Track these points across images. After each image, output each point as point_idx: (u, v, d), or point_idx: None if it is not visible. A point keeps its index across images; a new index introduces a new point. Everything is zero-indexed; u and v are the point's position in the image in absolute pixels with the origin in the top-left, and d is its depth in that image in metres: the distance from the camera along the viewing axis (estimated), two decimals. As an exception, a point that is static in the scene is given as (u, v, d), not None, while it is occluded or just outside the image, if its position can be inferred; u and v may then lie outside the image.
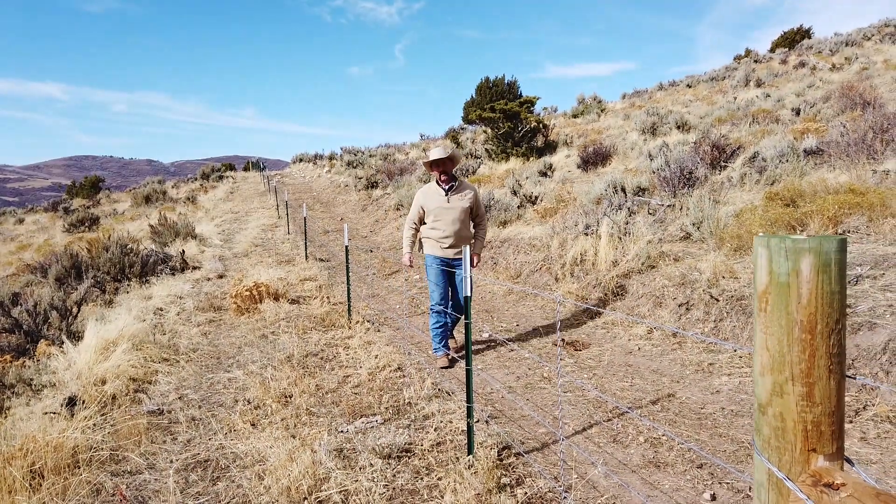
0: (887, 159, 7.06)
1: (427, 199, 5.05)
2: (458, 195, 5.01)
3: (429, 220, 5.05)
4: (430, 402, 4.06)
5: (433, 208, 4.99)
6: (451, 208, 4.95)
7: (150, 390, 4.98)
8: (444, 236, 4.99)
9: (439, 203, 4.98)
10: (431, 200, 5.02)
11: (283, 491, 3.07)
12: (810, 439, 1.11)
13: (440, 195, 5.00)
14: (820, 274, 1.07)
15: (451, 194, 4.99)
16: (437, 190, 5.03)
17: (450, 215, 4.95)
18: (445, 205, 4.96)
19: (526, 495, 2.82)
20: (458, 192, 5.01)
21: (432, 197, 5.03)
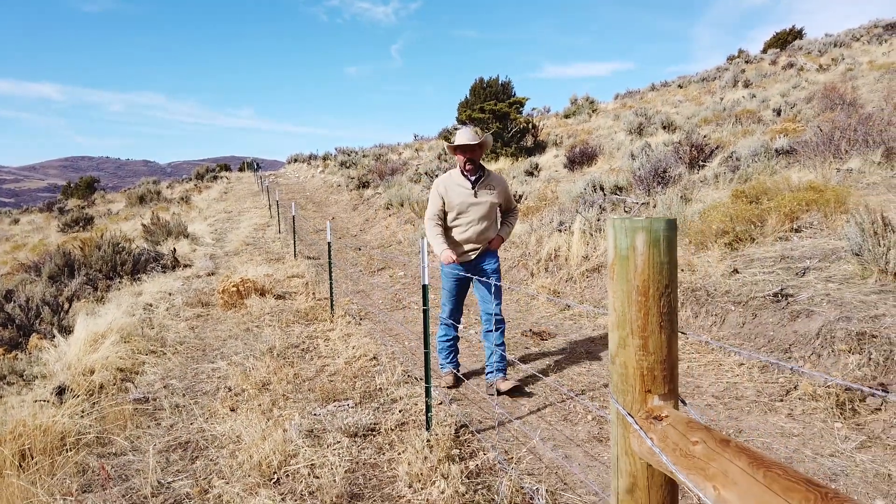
0: (852, 158, 7.33)
1: (449, 192, 4.13)
2: (487, 188, 4.15)
3: (448, 216, 4.19)
4: (399, 388, 4.31)
5: (457, 203, 4.10)
6: (478, 204, 4.10)
7: (136, 380, 5.21)
8: (466, 238, 4.16)
9: (464, 197, 4.10)
10: (455, 193, 4.12)
11: (254, 466, 3.31)
12: (646, 382, 1.35)
13: (465, 188, 4.11)
14: (651, 248, 1.31)
15: (478, 187, 4.12)
16: (462, 181, 4.13)
17: (476, 212, 4.11)
18: (472, 199, 4.10)
19: (476, 465, 3.07)
20: (485, 185, 4.15)
21: (455, 189, 4.12)
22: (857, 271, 4.27)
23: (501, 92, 21.50)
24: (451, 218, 4.20)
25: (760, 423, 3.30)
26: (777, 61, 31.30)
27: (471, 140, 4.04)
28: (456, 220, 4.18)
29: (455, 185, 4.16)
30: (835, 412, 3.21)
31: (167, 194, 27.60)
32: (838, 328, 3.58)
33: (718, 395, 3.71)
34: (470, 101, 22.01)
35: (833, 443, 3.00)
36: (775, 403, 3.45)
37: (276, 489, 3.07)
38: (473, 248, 4.21)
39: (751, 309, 4.33)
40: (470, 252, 4.23)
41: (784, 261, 4.86)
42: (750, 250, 5.29)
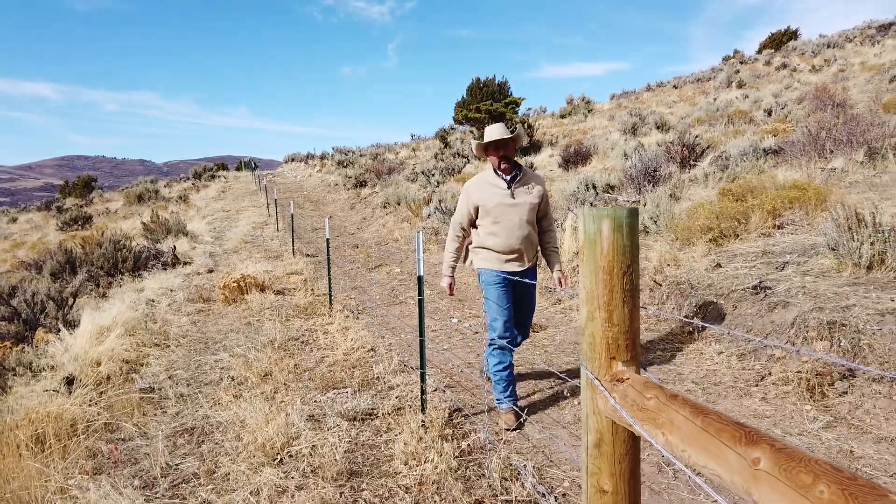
0: (836, 158, 7.54)
1: (483, 195, 3.67)
2: (525, 188, 3.68)
3: (484, 223, 3.70)
4: (396, 376, 4.51)
5: (492, 206, 3.63)
6: (516, 206, 3.62)
7: (142, 371, 5.39)
8: (507, 246, 3.64)
9: (500, 199, 3.62)
10: (489, 196, 3.65)
11: (259, 447, 3.50)
12: (611, 350, 1.54)
13: (500, 189, 3.64)
14: (615, 232, 1.51)
15: (515, 187, 3.65)
16: (496, 181, 3.66)
17: (515, 215, 3.62)
18: (509, 201, 3.61)
19: (468, 445, 3.27)
20: (523, 185, 3.68)
21: (490, 191, 3.66)
22: (833, 265, 4.48)
23: (498, 92, 21.78)
24: (488, 224, 3.67)
25: (736, 406, 3.51)
26: (771, 62, 31.58)
27: (503, 134, 3.61)
28: (493, 225, 3.65)
29: (490, 186, 3.67)
30: (805, 395, 3.41)
31: (165, 193, 27.75)
32: (811, 318, 3.79)
33: (698, 381, 3.92)
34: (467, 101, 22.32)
35: (802, 423, 3.21)
36: (750, 388, 3.66)
37: (280, 468, 3.26)
38: (517, 256, 3.66)
39: (731, 301, 4.54)
40: (513, 262, 3.67)
41: (765, 256, 5.07)
42: (734, 246, 5.50)
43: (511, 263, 3.69)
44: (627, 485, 1.57)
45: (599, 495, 1.58)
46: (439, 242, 10.41)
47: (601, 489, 1.58)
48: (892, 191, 6.11)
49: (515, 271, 3.69)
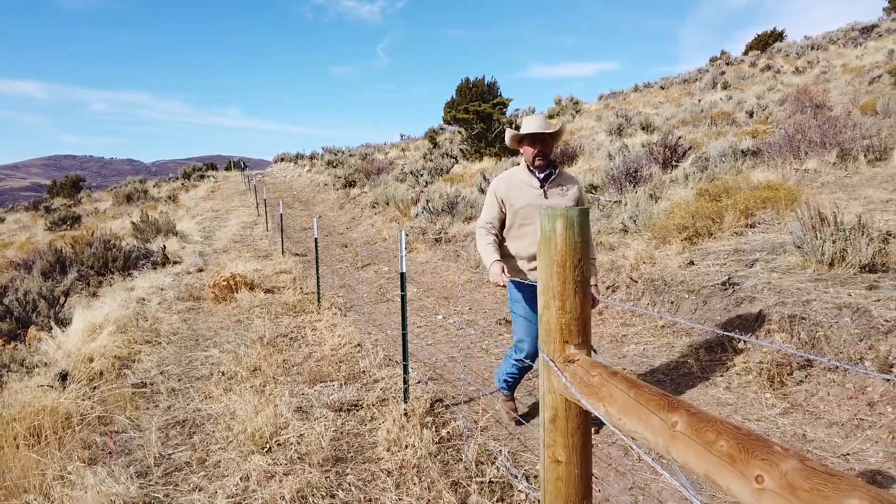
0: (810, 159, 7.79)
1: (512, 193, 3.30)
2: (559, 188, 3.30)
3: (510, 224, 3.33)
4: (381, 370, 4.68)
5: (521, 206, 3.26)
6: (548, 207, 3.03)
7: (134, 367, 5.53)
8: (533, 251, 3.25)
9: (531, 199, 3.25)
10: (519, 194, 3.28)
11: (248, 437, 3.66)
12: (564, 335, 1.73)
13: (532, 187, 3.27)
14: (568, 230, 1.69)
15: (548, 186, 3.28)
16: (528, 179, 3.30)
17: None
18: (540, 201, 3.25)
19: (447, 432, 3.46)
20: (558, 185, 3.31)
21: (520, 189, 3.29)
22: (799, 262, 4.70)
23: (487, 92, 21.94)
24: (513, 227, 3.31)
25: (700, 395, 3.71)
26: (756, 63, 31.97)
27: (543, 128, 3.20)
28: (522, 227, 3.29)
29: (519, 183, 3.29)
30: (765, 385, 3.62)
31: (154, 193, 27.74)
32: (774, 312, 4.00)
33: (668, 371, 4.13)
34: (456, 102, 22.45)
35: (761, 410, 3.42)
36: (716, 378, 3.86)
37: (269, 456, 3.42)
38: None
39: (702, 297, 4.75)
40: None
41: (737, 253, 5.29)
42: (707, 244, 5.71)
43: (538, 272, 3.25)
44: (580, 455, 1.76)
45: (555, 465, 1.76)
46: (426, 242, 10.59)
47: (556, 459, 1.76)
48: (860, 191, 6.35)
49: None
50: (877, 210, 5.55)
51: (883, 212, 5.44)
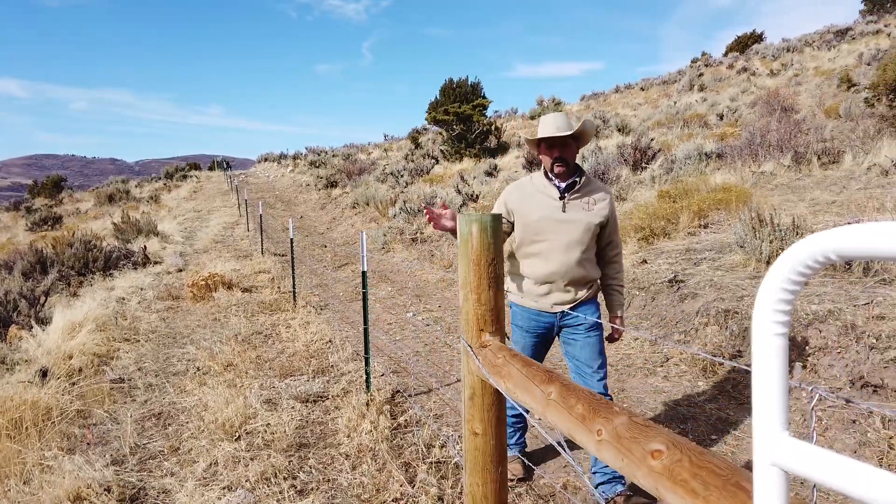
0: (767, 162, 8.14)
1: (523, 202, 2.79)
2: (584, 201, 2.74)
3: (521, 240, 2.81)
4: (348, 364, 4.93)
5: (534, 220, 2.73)
6: (566, 223, 2.70)
7: (112, 363, 5.73)
8: (545, 272, 2.73)
9: (546, 211, 2.72)
10: (532, 205, 2.76)
11: (219, 426, 3.90)
12: (480, 324, 1.99)
13: (550, 198, 2.74)
14: (482, 233, 1.95)
15: (569, 198, 2.72)
16: (546, 188, 2.76)
17: (563, 235, 2.69)
18: (558, 215, 2.71)
19: (404, 420, 3.72)
20: (582, 196, 2.74)
21: (535, 199, 2.77)
22: (742, 261, 5.01)
23: (471, 93, 22.24)
24: (524, 243, 2.79)
25: (641, 384, 4.01)
26: (734, 65, 32.53)
27: (561, 129, 2.67)
28: (531, 245, 2.75)
29: (534, 191, 2.78)
30: (699, 374, 3.92)
31: (136, 193, 27.72)
32: (712, 307, 4.31)
33: (614, 363, 4.42)
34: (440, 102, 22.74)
35: (692, 397, 3.72)
36: (656, 369, 4.16)
37: (237, 443, 3.67)
38: (559, 293, 2.74)
39: (651, 293, 5.05)
40: (551, 296, 2.75)
41: (688, 253, 5.60)
42: (662, 244, 6.02)
43: (550, 296, 2.74)
44: (495, 428, 2.03)
45: (473, 437, 2.03)
46: (403, 242, 10.83)
47: (474, 432, 2.03)
48: (809, 193, 6.70)
49: (548, 309, 2.76)
50: (820, 211, 5.89)
51: (825, 213, 5.78)
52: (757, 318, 0.64)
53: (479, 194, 12.10)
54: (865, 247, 0.51)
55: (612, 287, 2.92)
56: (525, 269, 2.83)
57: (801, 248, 0.58)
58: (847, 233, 0.53)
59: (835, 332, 3.49)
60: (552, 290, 2.76)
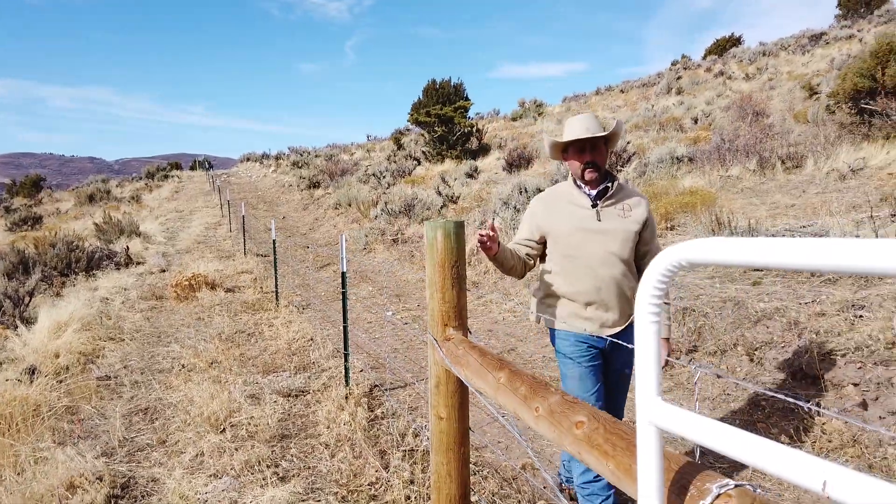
0: (734, 166, 8.48)
1: (554, 216, 2.54)
2: (617, 208, 2.49)
3: (554, 256, 2.57)
4: (329, 360, 5.15)
5: (566, 233, 2.49)
6: (602, 233, 2.45)
7: (98, 362, 5.88)
8: (588, 291, 2.46)
9: (579, 222, 2.47)
10: (563, 217, 2.51)
11: (205, 420, 4.09)
12: (444, 319, 2.23)
13: (581, 207, 2.49)
14: (446, 238, 2.19)
15: (603, 205, 2.48)
16: (575, 197, 2.53)
17: (598, 246, 2.45)
18: (592, 225, 2.46)
19: (381, 412, 3.95)
20: (616, 203, 2.50)
21: (565, 211, 2.52)
22: (703, 261, 5.30)
23: (454, 94, 22.48)
24: (557, 259, 2.53)
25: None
26: (711, 68, 33.10)
27: (591, 130, 2.42)
28: (564, 260, 2.50)
29: (563, 202, 2.54)
30: (658, 367, 4.19)
31: (117, 193, 27.60)
32: (671, 305, 4.58)
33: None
34: (423, 103, 22.95)
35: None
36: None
37: (222, 435, 3.87)
38: (606, 313, 2.46)
39: (617, 292, 5.33)
40: (598, 318, 2.47)
41: (654, 254, 5.88)
42: (631, 245, 6.31)
43: (596, 318, 2.47)
44: (458, 413, 2.26)
45: (438, 421, 2.26)
46: (385, 243, 11.03)
47: (439, 416, 2.26)
48: (771, 196, 7.03)
49: (604, 332, 2.47)
50: (779, 214, 6.21)
51: (783, 216, 6.09)
52: (638, 310, 0.88)
53: (460, 196, 12.34)
54: (705, 256, 0.75)
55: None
56: (563, 289, 2.51)
57: (665, 256, 0.82)
58: (693, 246, 0.77)
59: (780, 328, 3.77)
60: (598, 310, 2.46)
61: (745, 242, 0.71)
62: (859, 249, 0.57)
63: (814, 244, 0.61)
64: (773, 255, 0.66)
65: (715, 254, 0.75)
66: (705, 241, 0.78)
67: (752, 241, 0.70)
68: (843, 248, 0.58)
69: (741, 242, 0.71)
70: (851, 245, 0.57)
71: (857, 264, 0.57)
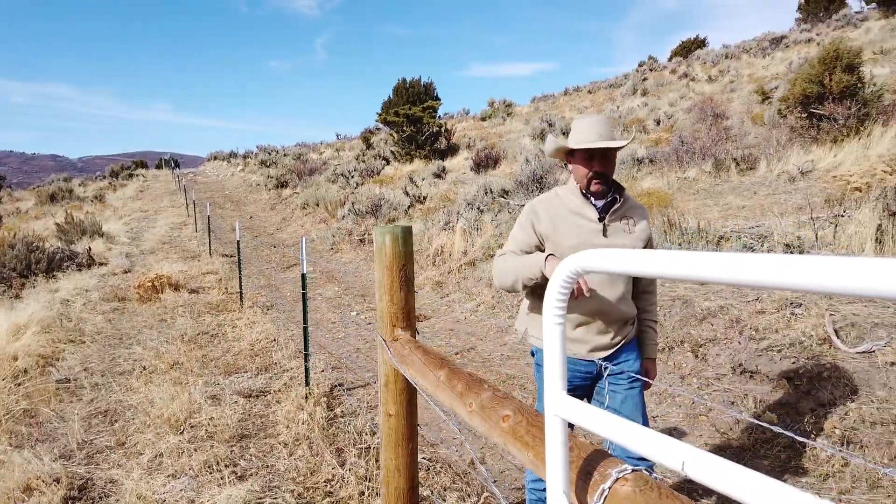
0: (691, 168, 8.73)
1: (558, 226, 2.32)
2: (623, 223, 2.33)
3: None
4: (291, 361, 5.20)
5: (569, 246, 2.27)
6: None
7: (57, 364, 5.84)
8: (585, 313, 2.28)
9: (585, 236, 2.28)
10: (567, 229, 2.31)
11: (164, 421, 4.12)
12: (393, 320, 2.32)
13: (587, 220, 2.30)
14: (394, 242, 2.28)
15: (610, 219, 2.29)
16: (581, 208, 2.31)
17: None
18: (598, 240, 2.28)
19: (341, 411, 4.03)
20: (622, 218, 2.33)
21: (569, 222, 2.31)
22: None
23: (424, 93, 22.54)
24: None
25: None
26: (676, 70, 33.73)
27: (604, 138, 2.24)
28: None
29: (567, 212, 2.32)
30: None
31: (80, 192, 27.03)
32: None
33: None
34: (393, 102, 22.97)
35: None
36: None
37: (182, 436, 3.90)
38: (598, 336, 2.30)
39: (574, 292, 5.48)
40: (589, 340, 2.30)
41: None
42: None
43: (588, 341, 2.30)
44: (406, 410, 2.36)
45: (387, 418, 2.36)
46: (352, 243, 11.07)
47: (388, 414, 2.35)
48: (724, 198, 7.28)
49: (593, 356, 2.31)
50: (731, 215, 6.44)
51: (734, 217, 6.33)
52: (545, 313, 0.98)
53: (427, 196, 12.43)
54: (597, 265, 0.86)
55: (646, 322, 2.45)
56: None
57: (567, 264, 0.93)
58: (588, 255, 0.88)
59: (723, 325, 3.95)
60: (589, 332, 2.28)
61: (629, 254, 0.81)
62: (713, 262, 0.67)
63: (682, 257, 0.72)
64: (650, 266, 0.76)
65: (606, 263, 0.86)
66: (599, 251, 0.90)
67: (636, 253, 0.80)
68: (702, 261, 0.68)
69: (627, 254, 0.82)
70: (710, 258, 0.67)
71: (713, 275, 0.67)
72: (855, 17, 30.75)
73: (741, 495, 0.67)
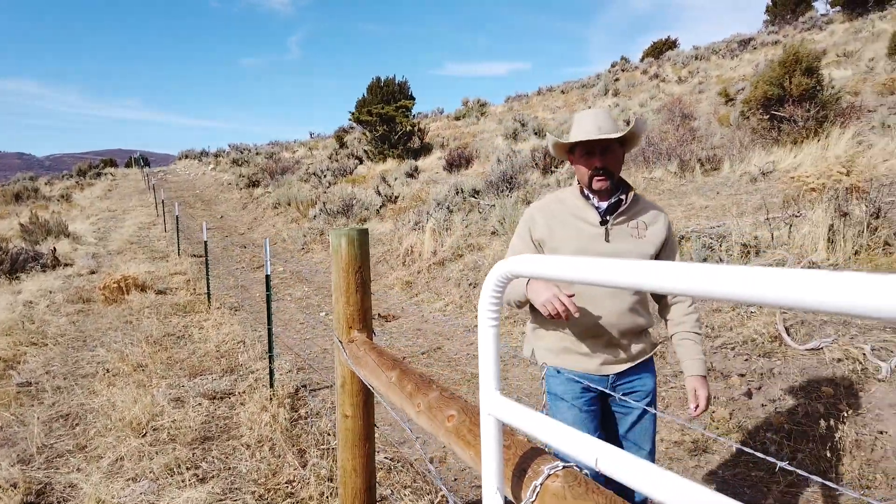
0: (657, 168, 8.88)
1: (556, 231, 2.13)
2: (631, 226, 2.10)
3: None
4: (258, 362, 5.18)
5: (567, 254, 2.07)
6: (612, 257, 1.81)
7: (19, 367, 5.74)
8: (591, 325, 2.06)
9: (586, 241, 2.08)
10: (566, 234, 2.12)
11: (126, 424, 4.08)
12: (349, 322, 2.34)
13: (588, 223, 2.10)
14: (349, 245, 2.30)
15: (614, 222, 2.08)
16: (581, 210, 2.12)
17: None
18: (600, 247, 2.06)
19: (305, 412, 4.04)
20: (629, 219, 2.10)
21: (567, 227, 2.12)
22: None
23: (398, 92, 22.49)
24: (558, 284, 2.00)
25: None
26: (647, 71, 34.17)
27: (603, 130, 2.01)
28: (567, 288, 1.95)
29: (566, 216, 2.14)
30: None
31: (46, 192, 26.45)
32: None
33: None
34: (367, 100, 22.89)
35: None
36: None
37: (143, 439, 3.88)
38: (609, 349, 2.09)
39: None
40: (599, 355, 2.09)
41: (577, 253, 6.15)
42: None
43: (596, 357, 2.09)
44: (362, 411, 2.39)
45: (344, 419, 2.38)
46: (323, 243, 11.03)
47: (345, 415, 2.38)
48: (688, 198, 7.42)
49: (604, 371, 2.10)
50: (694, 215, 6.57)
51: (696, 217, 6.47)
52: (480, 315, 1.02)
53: (399, 196, 12.44)
54: (525, 270, 0.90)
55: (686, 335, 2.15)
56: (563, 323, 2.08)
57: (498, 269, 0.97)
58: (518, 261, 0.92)
59: (681, 323, 4.05)
60: (600, 345, 2.08)
61: (554, 260, 0.85)
62: (626, 269, 0.71)
63: (598, 264, 0.76)
64: (574, 272, 0.80)
65: (533, 268, 0.90)
66: (527, 257, 0.94)
67: (560, 259, 0.84)
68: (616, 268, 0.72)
69: (552, 260, 0.86)
70: (624, 265, 0.72)
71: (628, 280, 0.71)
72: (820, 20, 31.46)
73: (650, 491, 0.71)
